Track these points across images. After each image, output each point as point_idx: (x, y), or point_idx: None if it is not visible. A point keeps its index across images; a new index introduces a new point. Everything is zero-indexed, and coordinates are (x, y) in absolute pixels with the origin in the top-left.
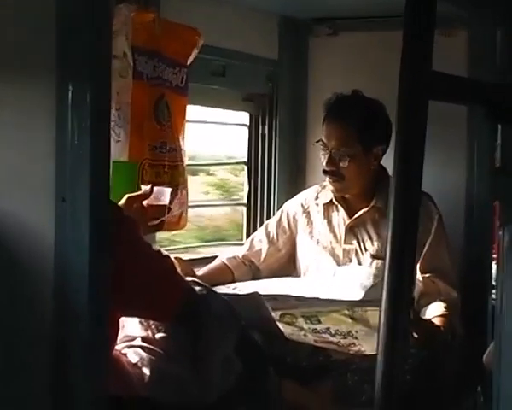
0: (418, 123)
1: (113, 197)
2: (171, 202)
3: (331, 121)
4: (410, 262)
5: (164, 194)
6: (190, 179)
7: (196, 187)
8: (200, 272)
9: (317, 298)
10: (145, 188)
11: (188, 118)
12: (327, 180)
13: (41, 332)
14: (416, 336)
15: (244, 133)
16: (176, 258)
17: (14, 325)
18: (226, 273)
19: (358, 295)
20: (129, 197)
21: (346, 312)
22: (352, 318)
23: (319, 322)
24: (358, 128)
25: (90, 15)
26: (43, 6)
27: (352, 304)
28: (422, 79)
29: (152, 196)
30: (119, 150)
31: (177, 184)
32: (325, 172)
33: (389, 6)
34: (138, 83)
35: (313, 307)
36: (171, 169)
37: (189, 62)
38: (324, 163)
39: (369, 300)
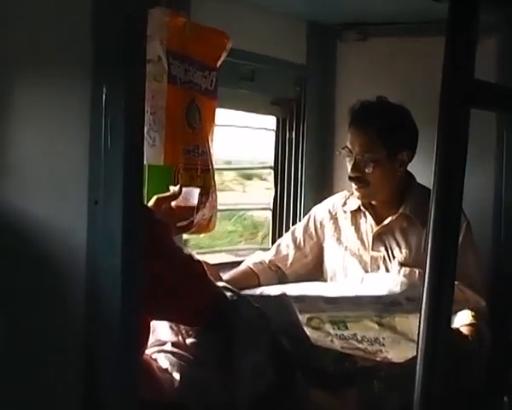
0: (460, 132)
1: (149, 200)
2: (200, 202)
3: (355, 128)
4: (450, 275)
5: (192, 195)
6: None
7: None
8: (226, 276)
9: (346, 297)
10: (173, 189)
11: (217, 122)
12: (352, 187)
13: (73, 336)
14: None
15: (271, 138)
16: (205, 262)
17: (46, 328)
18: (252, 278)
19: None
20: (158, 198)
21: (374, 318)
22: (379, 324)
23: (346, 328)
24: (382, 134)
25: (125, 19)
26: (79, 9)
27: (379, 309)
28: (465, 87)
29: (180, 197)
30: (154, 154)
31: (209, 187)
32: (350, 178)
33: (418, 12)
34: (172, 87)
35: (341, 312)
36: (203, 173)
37: (218, 65)
38: (349, 169)
39: (397, 299)
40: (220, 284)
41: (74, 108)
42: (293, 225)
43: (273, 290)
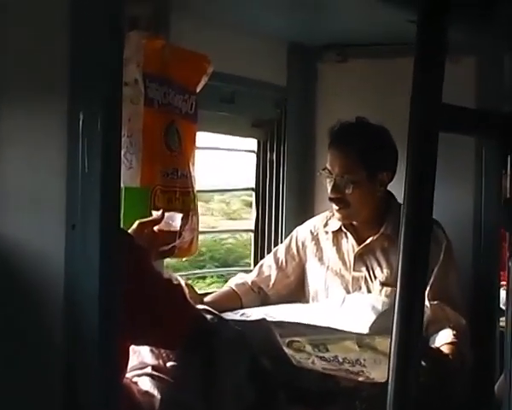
0: (429, 155)
1: (125, 223)
2: (182, 227)
3: (334, 148)
4: (420, 291)
5: (175, 219)
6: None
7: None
8: (208, 298)
9: (326, 327)
10: (156, 213)
11: (197, 144)
12: (333, 207)
13: (51, 359)
14: (423, 364)
15: (252, 159)
16: (186, 284)
17: (23, 352)
18: (234, 299)
19: (368, 321)
20: (140, 223)
21: (354, 339)
22: (359, 345)
23: (327, 350)
24: (362, 154)
25: (102, 44)
26: (55, 35)
27: (359, 335)
28: (433, 111)
29: (163, 222)
30: (131, 176)
31: (188, 210)
32: (331, 199)
33: (398, 33)
34: (149, 109)
35: (321, 335)
36: (182, 195)
37: (198, 89)
38: (329, 190)
39: (377, 330)
40: (200, 306)
41: (51, 133)
42: (275, 246)
43: (255, 312)
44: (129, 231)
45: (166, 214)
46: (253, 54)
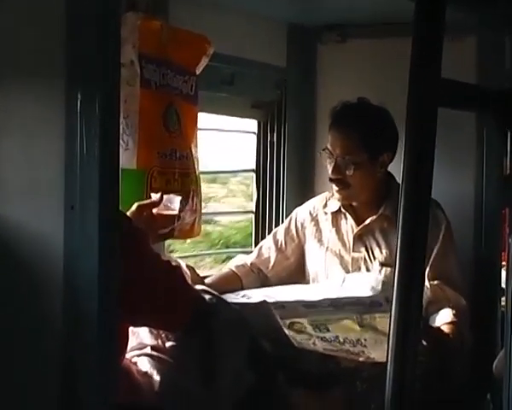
0: (428, 131)
1: (122, 205)
2: (181, 210)
3: (336, 129)
4: (419, 270)
5: (174, 202)
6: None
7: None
8: (208, 279)
9: (327, 299)
10: (155, 196)
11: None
12: (333, 188)
13: (50, 340)
14: (424, 343)
15: (252, 141)
16: (187, 266)
17: (23, 333)
18: (235, 281)
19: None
20: (138, 205)
21: (355, 319)
22: (360, 325)
23: (328, 330)
24: (363, 136)
25: (99, 24)
26: (52, 16)
27: (360, 310)
28: (432, 86)
29: (161, 205)
30: (127, 158)
31: (189, 192)
32: (331, 180)
33: (398, 13)
34: (146, 91)
35: (322, 315)
36: (181, 177)
37: (198, 70)
38: (330, 171)
39: (377, 300)
40: (199, 287)
41: (49, 115)
42: (275, 227)
43: (256, 293)
44: (127, 213)
45: (165, 197)
46: (253, 35)
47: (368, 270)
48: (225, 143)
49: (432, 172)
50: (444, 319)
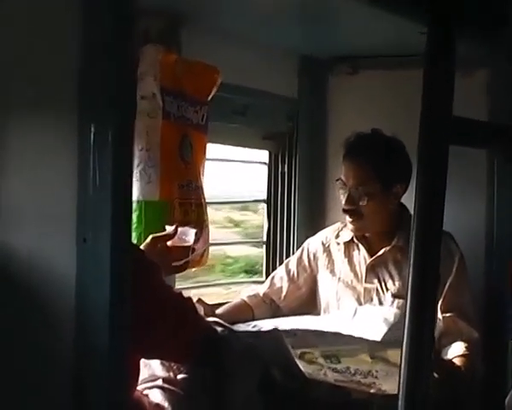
0: (439, 168)
1: (146, 237)
2: (195, 242)
3: (350, 160)
4: (431, 304)
5: (188, 234)
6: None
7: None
8: (220, 310)
9: (338, 333)
10: (169, 228)
11: (208, 156)
12: (346, 219)
13: (62, 373)
14: (436, 376)
15: (264, 171)
16: (198, 300)
17: (34, 364)
18: (246, 311)
19: (380, 332)
20: (153, 237)
21: (367, 350)
22: (372, 357)
23: (339, 362)
24: (377, 167)
25: (113, 56)
26: (67, 48)
27: (371, 346)
28: (443, 124)
29: (176, 237)
30: (150, 190)
31: (202, 222)
32: (344, 210)
33: (409, 45)
34: (166, 122)
35: (333, 346)
36: (197, 207)
37: (209, 100)
38: (343, 202)
39: (388, 341)
40: (211, 319)
41: (62, 147)
42: (286, 258)
43: (266, 324)
44: (142, 245)
45: (180, 229)
46: (265, 66)
47: (380, 301)
48: (237, 174)
49: (443, 207)
50: (456, 351)
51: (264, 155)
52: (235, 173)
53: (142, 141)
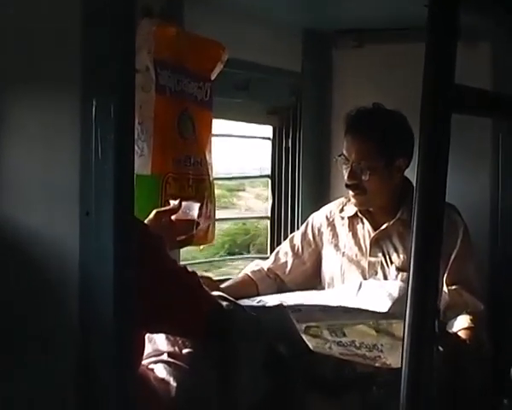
0: (442, 137)
1: (136, 211)
2: (199, 216)
3: (351, 135)
4: (433, 274)
5: (192, 209)
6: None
7: None
8: (224, 285)
9: (343, 307)
10: (173, 203)
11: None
12: (349, 194)
13: (66, 346)
14: (441, 349)
15: (268, 146)
16: (202, 276)
17: (39, 337)
18: (251, 286)
19: (385, 305)
20: (157, 212)
21: (371, 324)
22: (377, 330)
23: (344, 335)
24: (379, 141)
25: (114, 30)
26: (67, 22)
27: (377, 317)
28: (445, 92)
29: (180, 211)
30: (142, 164)
31: (203, 198)
32: (347, 185)
33: (414, 17)
34: (161, 97)
35: (338, 320)
36: (195, 183)
37: (213, 77)
38: (346, 177)
39: (394, 313)
40: (216, 293)
41: (64, 121)
42: (291, 233)
43: (271, 299)
44: (146, 220)
45: (184, 203)
46: (268, 40)
47: (384, 275)
48: (241, 149)
49: (446, 177)
50: (461, 324)
51: (267, 130)
52: (238, 149)
53: (136, 115)
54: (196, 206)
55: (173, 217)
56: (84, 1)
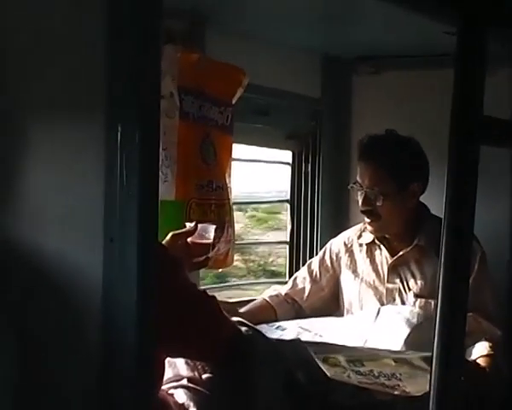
0: (471, 169)
1: (161, 236)
2: (215, 238)
3: (364, 161)
4: (463, 306)
5: (208, 231)
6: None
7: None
8: (242, 309)
9: (361, 348)
10: (189, 225)
11: (233, 156)
12: (365, 220)
13: (88, 372)
14: (462, 378)
15: (287, 171)
16: (222, 301)
17: (61, 364)
18: (269, 311)
19: (404, 333)
20: (173, 234)
21: (390, 355)
22: (395, 361)
23: (363, 365)
24: (391, 167)
25: (140, 56)
26: (93, 47)
27: (395, 351)
28: (475, 125)
29: (196, 234)
30: (166, 190)
31: (224, 223)
32: (362, 212)
33: (432, 44)
34: (184, 123)
35: (356, 353)
36: (217, 207)
37: (233, 101)
38: (360, 203)
39: (412, 344)
40: (235, 318)
41: (90, 147)
42: (309, 258)
43: (290, 325)
44: (162, 242)
45: (200, 226)
46: (288, 66)
47: (402, 301)
48: (261, 174)
49: (474, 209)
50: (480, 351)
51: (287, 155)
52: (259, 173)
53: (160, 141)
54: (212, 228)
55: (189, 239)
56: (109, 28)
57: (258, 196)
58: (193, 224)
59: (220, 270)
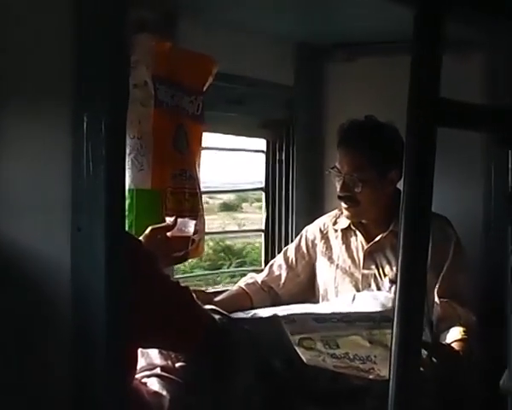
0: (427, 150)
1: (137, 225)
2: (194, 233)
3: (343, 147)
4: (420, 287)
5: (188, 225)
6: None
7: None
8: (218, 298)
9: (337, 313)
10: (169, 219)
11: (204, 145)
12: (342, 206)
13: (58, 361)
14: (435, 360)
15: (261, 159)
16: (196, 290)
17: (30, 354)
18: (245, 299)
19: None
20: (152, 229)
21: (365, 335)
22: (370, 341)
23: (338, 347)
24: (371, 153)
25: (106, 46)
26: (59, 38)
27: (370, 326)
28: (430, 106)
29: (176, 228)
30: (142, 179)
31: (197, 212)
32: (340, 197)
33: (407, 30)
34: (159, 111)
35: (332, 331)
36: (191, 196)
37: (204, 90)
38: (338, 189)
39: (388, 316)
40: (209, 307)
41: (56, 136)
42: (285, 245)
43: (265, 312)
44: (141, 236)
45: (179, 220)
46: (261, 54)
47: (378, 287)
48: (234, 163)
49: (432, 189)
50: (454, 336)
51: (261, 143)
52: (232, 162)
53: (135, 129)
54: (192, 223)
55: (169, 234)
56: (76, 16)
57: (233, 185)
58: (172, 218)
59: (189, 260)
